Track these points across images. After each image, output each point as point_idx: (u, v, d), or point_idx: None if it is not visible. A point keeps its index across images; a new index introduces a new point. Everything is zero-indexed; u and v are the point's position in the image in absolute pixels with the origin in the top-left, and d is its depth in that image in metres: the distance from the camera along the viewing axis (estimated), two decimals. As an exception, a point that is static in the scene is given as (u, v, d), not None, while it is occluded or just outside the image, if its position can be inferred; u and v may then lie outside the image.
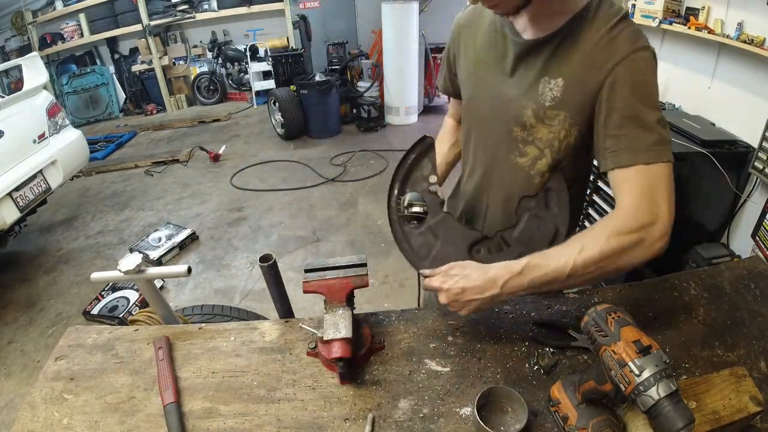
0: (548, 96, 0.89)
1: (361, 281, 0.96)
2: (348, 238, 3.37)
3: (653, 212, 0.79)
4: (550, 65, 0.88)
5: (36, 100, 3.22)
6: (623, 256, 0.80)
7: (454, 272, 0.86)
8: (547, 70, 0.88)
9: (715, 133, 2.30)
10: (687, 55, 2.59)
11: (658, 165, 0.80)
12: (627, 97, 0.81)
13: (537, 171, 0.97)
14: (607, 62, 0.81)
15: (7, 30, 6.37)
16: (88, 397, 0.89)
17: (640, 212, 0.79)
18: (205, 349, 0.98)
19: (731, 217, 2.38)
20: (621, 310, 0.70)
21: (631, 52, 0.80)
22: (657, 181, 0.80)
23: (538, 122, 0.92)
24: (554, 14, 0.86)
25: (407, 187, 1.02)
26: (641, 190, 0.80)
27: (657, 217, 0.79)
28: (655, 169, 0.80)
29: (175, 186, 4.40)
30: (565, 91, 0.87)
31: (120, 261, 1.01)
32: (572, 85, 0.86)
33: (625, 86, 0.80)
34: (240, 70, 6.58)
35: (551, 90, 0.88)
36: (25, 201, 2.89)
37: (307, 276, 0.98)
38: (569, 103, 0.87)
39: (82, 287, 2.99)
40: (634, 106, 0.81)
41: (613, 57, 0.81)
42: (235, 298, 2.82)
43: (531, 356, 0.92)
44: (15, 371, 2.37)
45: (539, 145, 0.95)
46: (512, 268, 0.82)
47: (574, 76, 0.85)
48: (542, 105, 0.90)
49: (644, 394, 0.61)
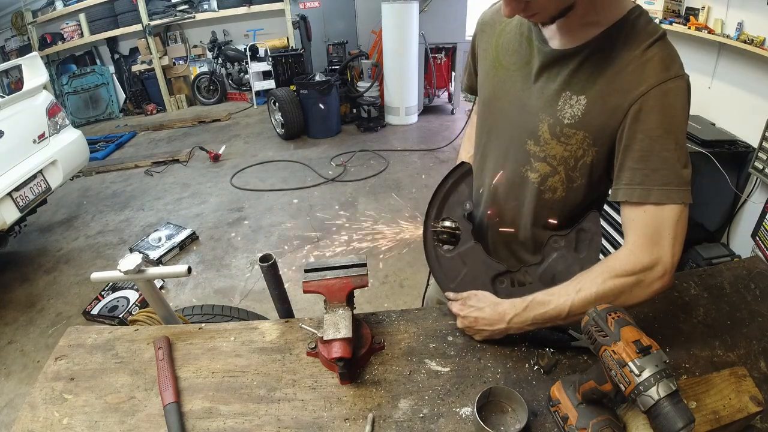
0: (568, 113, 0.84)
1: (361, 281, 0.96)
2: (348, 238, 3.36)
3: (655, 254, 0.77)
4: (575, 80, 0.82)
5: (36, 100, 3.22)
6: (620, 297, 0.79)
7: (471, 303, 0.94)
8: (570, 84, 0.83)
9: (715, 133, 2.30)
10: (687, 55, 2.57)
11: (670, 207, 0.76)
12: (651, 129, 0.76)
13: (548, 187, 0.93)
14: (636, 87, 0.76)
15: (7, 30, 6.37)
16: (88, 397, 0.89)
17: (641, 254, 0.78)
18: (205, 349, 0.98)
19: (731, 217, 2.38)
20: (621, 310, 0.70)
21: (663, 81, 0.74)
22: (665, 224, 0.77)
23: (553, 138, 0.87)
24: (587, 25, 0.79)
25: (444, 212, 1.04)
26: (646, 231, 0.78)
27: (658, 260, 0.77)
28: (667, 212, 0.77)
29: (175, 186, 4.40)
30: (587, 110, 0.82)
31: (120, 261, 1.01)
32: (596, 106, 0.81)
33: (650, 117, 0.76)
34: (240, 70, 6.58)
35: (572, 107, 0.83)
36: (25, 201, 2.89)
37: (307, 276, 0.98)
38: (590, 124, 0.82)
39: (82, 287, 2.99)
40: (656, 140, 0.76)
41: (643, 83, 0.75)
42: (235, 298, 2.82)
43: (531, 356, 0.92)
44: (15, 371, 2.37)
45: (552, 162, 0.90)
46: (518, 305, 0.87)
47: (598, 96, 0.80)
48: (560, 121, 0.85)
49: (644, 394, 0.61)
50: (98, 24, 6.30)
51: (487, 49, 0.99)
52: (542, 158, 0.90)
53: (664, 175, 0.76)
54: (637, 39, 0.77)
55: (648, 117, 0.76)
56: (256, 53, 6.19)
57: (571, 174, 0.89)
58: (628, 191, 0.79)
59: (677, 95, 0.76)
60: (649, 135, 0.76)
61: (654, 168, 0.77)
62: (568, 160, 0.88)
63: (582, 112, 0.82)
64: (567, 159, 0.88)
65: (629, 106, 0.77)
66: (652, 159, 0.77)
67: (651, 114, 0.75)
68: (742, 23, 2.14)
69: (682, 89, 0.76)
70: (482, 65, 1.01)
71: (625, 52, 0.77)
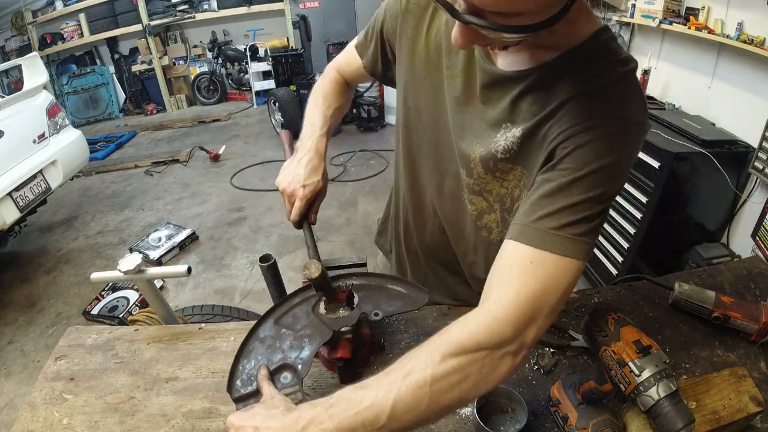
0: (502, 145, 0.70)
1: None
2: (348, 238, 3.37)
3: (521, 324, 0.57)
4: (515, 108, 0.68)
5: (36, 100, 3.22)
6: (464, 383, 0.56)
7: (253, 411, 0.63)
8: (510, 112, 0.69)
9: (715, 133, 2.30)
10: (687, 55, 2.59)
11: (563, 258, 0.59)
12: (570, 169, 0.60)
13: (484, 224, 0.81)
14: (574, 121, 0.61)
15: (7, 30, 6.37)
16: (88, 397, 0.89)
17: (508, 322, 0.57)
18: (205, 349, 0.98)
19: (731, 217, 2.38)
20: (621, 310, 0.70)
21: (611, 122, 0.60)
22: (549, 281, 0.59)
23: (487, 173, 0.74)
24: (540, 48, 0.65)
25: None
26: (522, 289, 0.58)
27: (525, 331, 0.58)
28: (560, 262, 0.59)
29: (175, 186, 4.40)
30: (522, 143, 0.68)
31: (120, 261, 1.01)
32: (529, 138, 0.67)
33: (578, 153, 0.60)
34: (240, 70, 6.57)
35: (506, 139, 0.69)
36: (25, 201, 2.89)
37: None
38: (525, 158, 0.69)
39: (82, 287, 2.99)
40: (573, 179, 0.59)
41: (585, 119, 0.60)
42: (235, 298, 2.82)
43: (531, 356, 0.92)
44: (15, 371, 2.37)
45: (489, 198, 0.77)
46: (320, 406, 0.56)
47: (533, 128, 0.66)
48: (493, 154, 0.71)
49: (644, 394, 0.61)
50: (98, 24, 6.30)
51: (415, 40, 0.80)
52: (478, 192, 0.78)
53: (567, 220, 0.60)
54: (596, 66, 0.62)
55: (577, 153, 0.60)
56: (256, 53, 6.19)
57: (507, 216, 0.76)
58: (514, 228, 0.64)
59: (624, 141, 0.61)
60: (569, 172, 0.60)
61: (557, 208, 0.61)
62: (504, 198, 0.75)
63: (517, 145, 0.69)
64: (503, 197, 0.75)
65: (560, 134, 0.62)
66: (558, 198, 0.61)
67: (581, 152, 0.60)
68: (742, 23, 2.14)
69: (633, 135, 0.62)
70: (406, 57, 0.83)
71: (576, 82, 0.62)
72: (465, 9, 0.48)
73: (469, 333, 0.56)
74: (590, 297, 1.07)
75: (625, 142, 0.61)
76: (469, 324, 0.58)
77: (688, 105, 2.63)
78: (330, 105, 0.98)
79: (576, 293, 1.09)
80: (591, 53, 0.63)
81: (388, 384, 0.55)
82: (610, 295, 1.08)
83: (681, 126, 2.29)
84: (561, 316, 1.01)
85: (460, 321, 0.59)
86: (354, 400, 0.55)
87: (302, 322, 0.84)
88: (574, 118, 0.61)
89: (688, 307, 0.97)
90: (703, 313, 0.95)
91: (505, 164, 0.71)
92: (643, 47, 2.93)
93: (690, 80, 2.60)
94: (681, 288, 0.98)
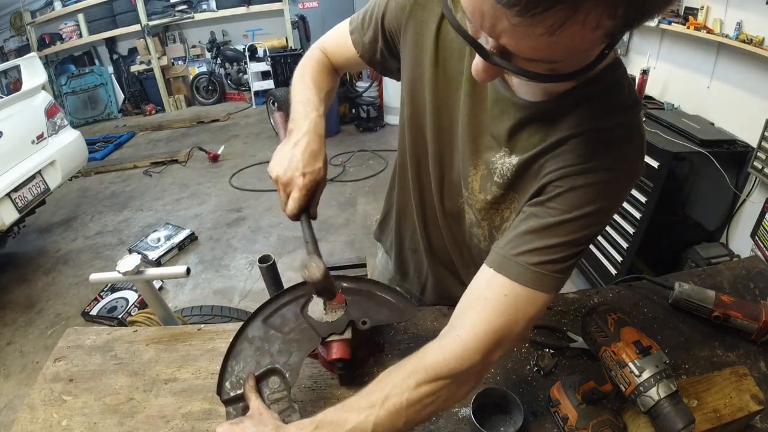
0: (498, 170, 0.70)
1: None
2: (347, 238, 3.36)
3: (489, 351, 0.61)
4: (514, 135, 0.68)
5: (35, 101, 3.21)
6: (430, 407, 0.61)
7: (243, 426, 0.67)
8: (508, 139, 0.68)
9: (714, 132, 2.30)
10: (686, 55, 2.59)
11: (535, 292, 0.61)
12: (559, 210, 0.61)
13: (474, 234, 0.83)
14: (572, 161, 0.60)
15: (5, 30, 6.35)
16: (87, 399, 0.88)
17: (477, 350, 0.60)
18: (204, 350, 0.98)
19: (730, 217, 2.38)
20: (621, 311, 0.70)
21: (609, 168, 0.59)
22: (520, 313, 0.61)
23: (481, 191, 0.75)
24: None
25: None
26: (494, 320, 0.61)
27: (491, 355, 0.62)
28: (532, 296, 0.61)
29: (173, 186, 4.39)
30: (517, 172, 0.68)
31: (119, 262, 1.01)
32: (525, 169, 0.67)
33: (570, 195, 0.60)
34: (239, 70, 6.57)
35: (503, 164, 0.69)
36: (24, 202, 2.88)
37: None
38: (518, 186, 0.70)
39: (81, 288, 2.98)
40: (561, 221, 0.60)
41: (584, 161, 0.59)
42: (235, 299, 2.82)
43: (531, 357, 0.92)
44: (14, 372, 2.37)
45: (477, 216, 0.79)
46: (304, 428, 0.60)
47: (530, 159, 0.66)
48: (490, 176, 0.72)
49: (644, 394, 0.61)
50: (97, 24, 6.29)
51: (424, 35, 0.75)
52: (471, 204, 0.79)
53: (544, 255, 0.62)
54: (605, 108, 0.60)
55: (566, 194, 0.61)
56: (254, 53, 6.19)
57: (495, 234, 0.78)
58: (492, 255, 0.66)
59: (613, 188, 0.61)
60: (555, 210, 0.62)
61: (535, 242, 0.63)
62: (493, 217, 0.76)
63: (512, 173, 0.69)
64: (493, 216, 0.76)
65: (554, 170, 0.62)
66: (538, 234, 0.63)
67: (570, 193, 0.60)
68: (741, 23, 2.14)
69: (626, 190, 0.63)
70: (412, 56, 0.78)
71: (583, 121, 0.61)
72: (494, 49, 0.45)
73: (443, 360, 0.60)
74: (590, 297, 1.07)
75: (618, 190, 0.62)
76: (443, 350, 0.61)
77: (687, 105, 2.63)
78: (322, 88, 0.90)
79: (576, 294, 1.09)
80: (603, 91, 0.61)
81: (368, 407, 0.59)
82: (610, 295, 1.08)
83: (680, 126, 2.29)
84: (561, 318, 1.01)
85: (434, 346, 0.63)
86: (338, 424, 0.58)
87: (291, 324, 0.82)
88: (574, 157, 0.61)
89: (688, 307, 0.97)
90: (704, 312, 0.95)
91: (498, 189, 0.72)
92: (642, 47, 2.93)
93: (689, 80, 2.60)
94: (681, 288, 0.98)
